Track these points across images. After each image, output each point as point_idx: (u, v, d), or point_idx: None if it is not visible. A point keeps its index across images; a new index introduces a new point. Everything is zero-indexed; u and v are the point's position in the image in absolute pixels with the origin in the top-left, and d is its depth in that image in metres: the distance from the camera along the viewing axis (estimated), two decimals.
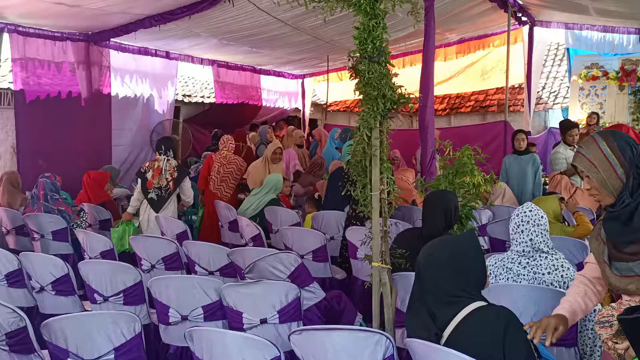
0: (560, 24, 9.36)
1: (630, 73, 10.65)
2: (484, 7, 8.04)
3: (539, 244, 2.74)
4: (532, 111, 10.15)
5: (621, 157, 1.93)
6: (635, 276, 1.92)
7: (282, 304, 2.95)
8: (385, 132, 3.04)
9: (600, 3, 7.38)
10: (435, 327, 1.91)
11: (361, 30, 2.90)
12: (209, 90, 11.44)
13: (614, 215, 1.99)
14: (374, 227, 2.97)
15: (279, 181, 5.67)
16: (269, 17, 6.93)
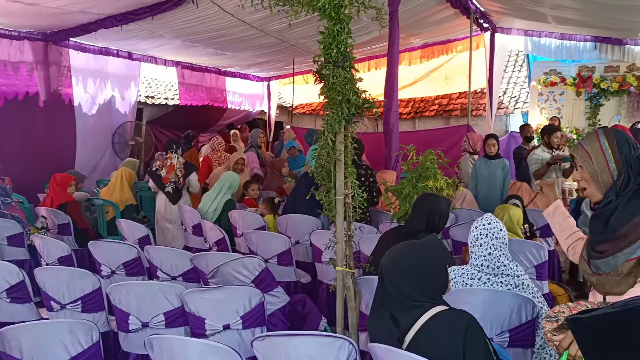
0: (520, 31, 9.59)
1: (586, 79, 10.98)
2: (447, 13, 8.18)
3: (497, 257, 2.73)
4: (494, 115, 10.37)
5: (617, 154, 1.97)
6: (599, 274, 1.98)
7: (246, 309, 2.92)
8: (350, 137, 3.05)
9: (558, 11, 7.59)
10: (397, 331, 1.92)
11: (326, 34, 2.90)
12: (172, 92, 11.30)
13: (598, 215, 2.04)
14: (338, 231, 2.96)
15: (234, 179, 5.58)
16: (234, 19, 6.88)
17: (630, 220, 1.90)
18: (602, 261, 1.97)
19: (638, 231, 1.87)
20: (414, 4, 7.37)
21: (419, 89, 13.98)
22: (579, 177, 2.07)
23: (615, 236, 1.93)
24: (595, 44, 9.13)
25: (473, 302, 2.67)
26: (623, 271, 1.90)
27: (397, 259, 2.00)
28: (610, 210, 1.97)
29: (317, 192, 3.11)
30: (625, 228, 1.91)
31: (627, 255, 1.89)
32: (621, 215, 1.93)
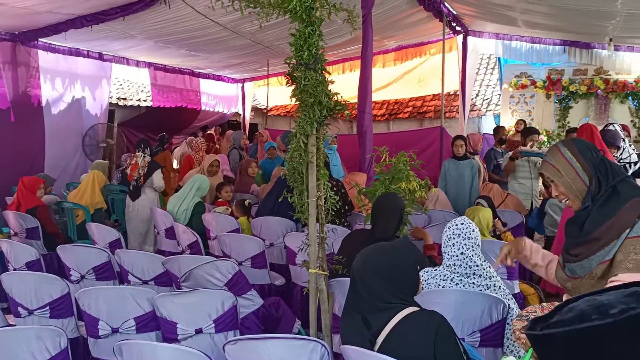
0: (492, 34, 9.73)
1: (555, 82, 11.21)
2: (420, 16, 8.26)
3: (470, 257, 2.77)
4: (466, 117, 10.50)
5: (583, 161, 2.00)
6: (575, 278, 2.01)
7: (218, 313, 2.90)
8: (322, 139, 3.05)
9: (528, 16, 7.72)
10: (369, 333, 1.92)
11: (297, 37, 2.90)
12: (145, 93, 11.19)
13: (574, 219, 2.07)
14: (310, 233, 2.96)
15: (203, 182, 5.52)
16: (207, 21, 6.84)
17: (603, 224, 1.93)
18: (577, 264, 1.99)
19: (611, 234, 1.90)
20: (388, 6, 7.42)
21: (393, 91, 14.10)
22: (557, 192, 2.09)
23: (589, 239, 1.96)
24: (564, 47, 9.31)
25: (445, 303, 2.70)
26: (597, 274, 1.93)
27: (368, 261, 2.00)
28: (585, 215, 2.00)
29: (289, 194, 3.11)
30: (598, 231, 1.94)
31: (600, 257, 1.91)
32: (595, 218, 1.97)
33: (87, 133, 8.62)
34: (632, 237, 1.86)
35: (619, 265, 1.86)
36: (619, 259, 1.87)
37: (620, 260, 1.87)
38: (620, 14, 6.34)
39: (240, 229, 5.05)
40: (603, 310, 0.91)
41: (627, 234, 1.87)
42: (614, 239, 1.89)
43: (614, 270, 1.88)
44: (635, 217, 1.88)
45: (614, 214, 1.92)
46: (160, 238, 5.57)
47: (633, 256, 1.84)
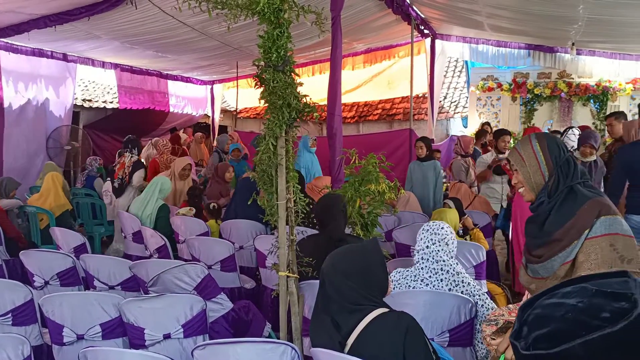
0: (459, 38, 9.87)
1: (521, 85, 11.45)
2: (389, 19, 8.32)
3: (436, 252, 2.82)
4: (435, 119, 10.62)
5: (549, 157, 2.05)
6: (539, 278, 2.05)
7: (187, 318, 2.86)
8: (291, 141, 3.04)
9: (494, 20, 7.87)
10: (339, 335, 1.92)
11: (265, 38, 2.89)
12: (111, 95, 10.99)
13: (533, 218, 2.12)
14: (280, 236, 2.95)
15: (164, 183, 5.40)
16: (174, 22, 6.75)
17: (563, 225, 1.98)
18: (540, 265, 2.03)
19: (571, 235, 1.95)
20: (357, 9, 7.46)
21: (362, 93, 14.19)
22: (516, 180, 2.15)
23: (550, 240, 2.00)
24: (529, 51, 9.50)
25: (414, 304, 2.73)
26: (560, 275, 1.97)
27: (338, 263, 2.00)
28: (544, 215, 2.05)
29: (259, 197, 3.09)
30: (558, 232, 1.98)
31: (562, 258, 1.96)
32: (554, 219, 2.02)
33: (51, 135, 8.41)
34: (591, 238, 1.92)
35: (582, 265, 1.92)
36: (581, 260, 1.93)
37: (582, 261, 1.92)
38: (582, 19, 6.51)
39: (209, 232, 5.00)
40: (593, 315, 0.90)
41: (587, 234, 1.92)
42: (574, 239, 1.94)
43: (577, 271, 1.93)
44: (594, 218, 1.94)
45: (572, 215, 1.97)
46: (127, 242, 5.48)
47: (594, 256, 1.90)
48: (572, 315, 0.93)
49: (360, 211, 3.74)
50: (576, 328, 0.89)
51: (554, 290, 1.02)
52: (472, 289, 2.80)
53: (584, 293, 0.96)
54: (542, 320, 0.97)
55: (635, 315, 0.84)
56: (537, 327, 0.96)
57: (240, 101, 12.20)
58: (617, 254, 1.89)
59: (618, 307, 0.88)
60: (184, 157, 7.55)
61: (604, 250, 1.89)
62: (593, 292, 0.95)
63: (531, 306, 1.02)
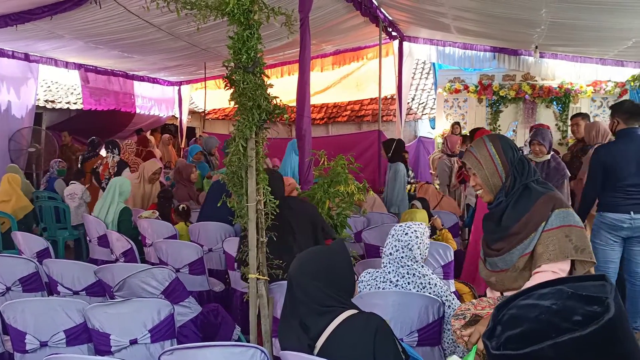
0: (427, 40, 9.99)
1: (487, 87, 11.66)
2: (357, 21, 8.37)
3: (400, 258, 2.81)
4: (403, 121, 10.72)
5: (504, 158, 2.12)
6: (498, 271, 2.12)
7: (154, 322, 2.81)
8: (261, 143, 3.03)
9: (460, 22, 7.99)
10: (308, 338, 1.91)
11: (235, 40, 2.87)
12: (75, 96, 10.75)
13: (490, 215, 2.19)
14: (250, 238, 2.93)
15: (123, 185, 5.29)
16: (140, 21, 6.65)
17: (520, 219, 2.06)
18: (499, 258, 2.10)
19: (528, 228, 2.03)
20: (325, 11, 7.47)
21: (331, 94, 14.23)
22: (474, 183, 2.20)
23: (508, 234, 2.08)
24: (494, 54, 9.69)
25: (383, 304, 2.74)
26: (519, 266, 2.04)
27: (305, 265, 1.99)
28: (500, 211, 2.13)
29: (229, 199, 3.06)
30: (516, 226, 2.06)
31: (520, 250, 2.04)
32: (511, 214, 2.10)
33: (13, 137, 8.18)
34: (548, 230, 2.01)
35: (541, 257, 2.00)
36: (539, 252, 2.01)
37: (541, 253, 2.01)
38: (545, 23, 6.66)
39: (177, 235, 4.93)
40: (565, 317, 0.91)
41: (543, 227, 2.02)
42: (532, 232, 2.03)
43: (537, 262, 2.01)
44: (549, 211, 2.03)
45: (528, 210, 2.07)
46: (92, 246, 5.36)
47: (552, 247, 1.99)
48: (545, 316, 0.94)
49: (329, 212, 3.75)
50: (547, 330, 0.90)
51: (531, 291, 1.03)
52: (439, 289, 2.82)
53: (559, 295, 0.97)
54: (515, 320, 0.98)
55: (606, 320, 0.85)
56: (510, 327, 0.97)
57: (209, 102, 12.08)
58: (572, 244, 1.99)
59: (590, 311, 0.90)
60: (154, 160, 7.39)
61: (560, 241, 1.98)
62: (568, 295, 0.96)
63: (507, 306, 1.03)
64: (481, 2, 6.42)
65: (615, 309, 0.87)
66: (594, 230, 4.32)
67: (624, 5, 5.37)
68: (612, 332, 0.86)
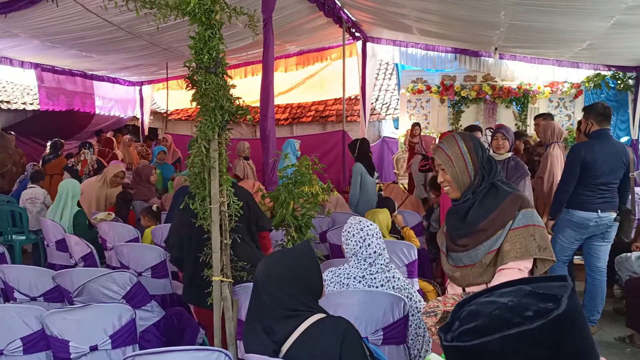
0: (389, 41, 10.09)
1: (449, 88, 11.86)
2: (321, 22, 8.39)
3: (380, 256, 2.83)
4: (367, 121, 10.80)
5: (474, 157, 2.15)
6: (462, 266, 2.16)
7: (115, 328, 2.75)
8: (224, 144, 3.00)
9: (422, 24, 8.10)
10: (273, 342, 1.89)
11: (197, 40, 2.84)
12: (31, 96, 10.45)
13: (455, 210, 2.22)
14: (213, 240, 2.90)
15: (74, 187, 5.15)
16: (99, 20, 6.50)
17: (488, 216, 2.10)
18: (465, 254, 2.14)
19: (496, 226, 2.08)
20: (288, 11, 7.47)
21: (296, 95, 14.21)
22: (442, 179, 2.22)
23: (475, 230, 2.12)
24: (455, 55, 9.86)
25: (349, 304, 2.75)
26: (485, 262, 2.09)
27: (271, 269, 1.96)
28: (466, 207, 2.16)
29: (192, 201, 3.02)
30: (483, 223, 2.10)
31: (487, 247, 2.08)
32: (478, 211, 2.14)
33: None
34: (515, 229, 2.07)
35: (508, 254, 2.05)
36: (506, 249, 2.06)
37: (508, 250, 2.05)
38: (504, 25, 6.81)
39: (139, 238, 4.84)
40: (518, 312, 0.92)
41: (511, 225, 2.07)
42: (499, 229, 2.07)
43: (504, 259, 2.06)
44: (516, 211, 2.08)
45: (496, 207, 2.11)
46: (50, 251, 5.21)
47: (518, 245, 2.04)
48: (498, 312, 0.95)
49: (294, 213, 3.73)
50: (498, 324, 0.92)
51: (493, 290, 1.05)
52: (402, 283, 2.87)
53: (518, 293, 0.99)
54: (472, 316, 0.99)
55: (554, 316, 0.87)
56: (466, 322, 0.98)
57: (171, 103, 11.91)
58: (535, 243, 2.05)
59: (543, 307, 0.91)
60: (118, 163, 7.22)
61: (526, 240, 2.04)
62: (526, 293, 0.98)
63: (468, 303, 1.05)
64: (442, 4, 6.52)
65: (567, 306, 0.89)
66: (558, 225, 4.41)
67: (577, 8, 5.54)
68: (562, 328, 0.88)
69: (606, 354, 4.06)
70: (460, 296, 2.20)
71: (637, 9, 5.20)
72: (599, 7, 5.41)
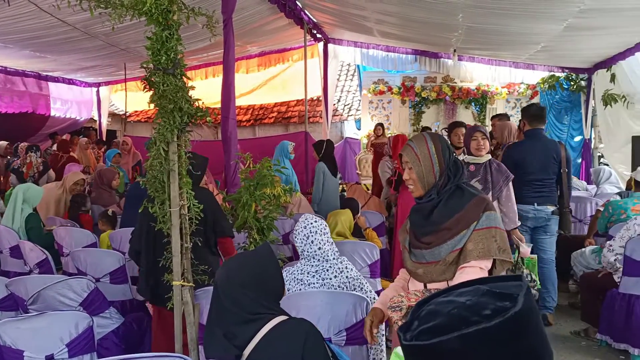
0: (351, 43, 10.16)
1: (409, 89, 12.02)
2: (282, 23, 8.37)
3: (326, 252, 2.91)
4: (329, 122, 10.84)
5: (441, 157, 2.20)
6: (425, 263, 2.20)
7: (72, 336, 2.68)
8: (184, 146, 2.96)
9: (382, 26, 8.18)
10: (234, 346, 1.87)
11: (154, 40, 2.79)
12: None
13: (419, 208, 2.27)
14: (174, 244, 2.86)
15: (27, 190, 4.99)
16: (53, 19, 6.32)
17: (453, 216, 2.15)
18: (428, 252, 2.18)
19: (460, 226, 2.13)
20: (249, 12, 7.42)
21: (258, 96, 14.15)
22: (408, 177, 2.26)
23: (439, 229, 2.17)
24: (416, 56, 10.00)
25: (311, 305, 2.76)
26: (448, 260, 2.14)
27: (231, 273, 1.94)
28: (431, 206, 2.21)
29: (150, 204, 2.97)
30: (448, 222, 2.15)
31: (451, 246, 2.13)
32: (443, 211, 2.19)
33: None
34: (478, 229, 2.13)
35: (471, 253, 2.11)
36: (469, 248, 2.12)
37: (471, 250, 2.11)
38: (462, 27, 6.95)
39: (97, 243, 4.72)
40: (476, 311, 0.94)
41: (475, 226, 2.13)
42: (463, 229, 2.13)
43: (466, 257, 2.12)
44: (480, 212, 2.14)
45: (462, 208, 2.17)
46: (4, 257, 5.03)
47: (481, 245, 2.10)
48: (457, 311, 0.97)
49: (256, 215, 3.72)
50: (457, 323, 0.93)
51: (452, 290, 1.06)
52: (355, 273, 2.94)
53: (475, 292, 1.01)
54: (431, 315, 1.00)
55: (512, 314, 0.89)
56: (425, 322, 0.99)
57: (130, 104, 11.67)
58: (496, 244, 2.12)
59: (501, 306, 0.94)
60: (76, 170, 6.99)
61: (488, 241, 2.11)
62: (484, 292, 1.00)
63: (427, 302, 1.06)
64: (402, 6, 6.60)
65: (523, 304, 0.91)
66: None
67: (531, 11, 5.69)
68: (518, 326, 0.91)
69: (562, 348, 4.18)
70: (422, 292, 2.23)
71: (588, 13, 5.38)
72: (552, 10, 5.57)
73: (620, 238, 4.03)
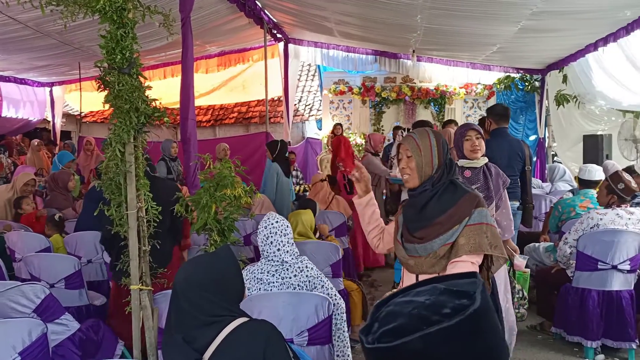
0: (311, 43, 10.16)
1: (370, 89, 12.11)
2: (242, 22, 8.30)
3: (285, 253, 2.92)
4: (291, 122, 10.82)
5: (441, 152, 2.27)
6: (417, 256, 2.25)
7: (25, 344, 2.58)
8: (141, 147, 2.90)
9: (342, 27, 8.22)
10: (194, 350, 1.84)
11: (108, 39, 2.73)
12: None
13: (412, 203, 2.32)
14: (131, 247, 2.80)
15: None
16: (3, 17, 6.09)
17: (446, 211, 2.21)
18: (421, 246, 2.24)
19: (453, 221, 2.19)
20: (208, 11, 7.33)
21: (218, 96, 14.00)
22: (405, 166, 2.30)
23: (432, 224, 2.23)
24: (376, 57, 10.09)
25: (273, 306, 2.75)
26: (440, 254, 2.19)
27: (190, 275, 1.90)
28: (424, 200, 2.26)
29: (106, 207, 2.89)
30: (441, 217, 2.21)
31: (443, 240, 2.19)
32: (436, 206, 2.25)
33: None
34: (470, 225, 2.19)
35: (462, 248, 2.17)
36: (461, 243, 2.17)
37: (463, 244, 2.17)
38: (421, 28, 7.04)
39: (52, 248, 4.58)
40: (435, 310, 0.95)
41: (467, 221, 2.19)
42: (456, 224, 2.19)
43: (458, 252, 2.17)
44: (472, 208, 2.21)
45: (454, 204, 2.23)
46: None
47: (473, 241, 2.16)
48: (417, 311, 0.98)
49: (216, 217, 3.67)
50: (418, 323, 0.94)
51: (409, 290, 1.07)
52: (315, 272, 2.96)
53: (433, 291, 1.02)
54: (391, 316, 1.01)
55: (471, 311, 0.91)
56: (386, 323, 1.00)
57: (86, 104, 11.34)
58: (487, 240, 2.18)
59: (459, 304, 0.96)
60: (27, 171, 6.76)
61: (479, 237, 2.17)
62: (441, 291, 1.02)
63: (385, 303, 1.06)
64: (361, 7, 6.64)
65: (480, 301, 0.93)
66: None
67: (486, 13, 5.82)
68: (477, 323, 0.93)
69: (518, 341, 4.27)
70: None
71: (540, 15, 5.54)
72: (506, 12, 5.71)
73: (575, 231, 4.18)
